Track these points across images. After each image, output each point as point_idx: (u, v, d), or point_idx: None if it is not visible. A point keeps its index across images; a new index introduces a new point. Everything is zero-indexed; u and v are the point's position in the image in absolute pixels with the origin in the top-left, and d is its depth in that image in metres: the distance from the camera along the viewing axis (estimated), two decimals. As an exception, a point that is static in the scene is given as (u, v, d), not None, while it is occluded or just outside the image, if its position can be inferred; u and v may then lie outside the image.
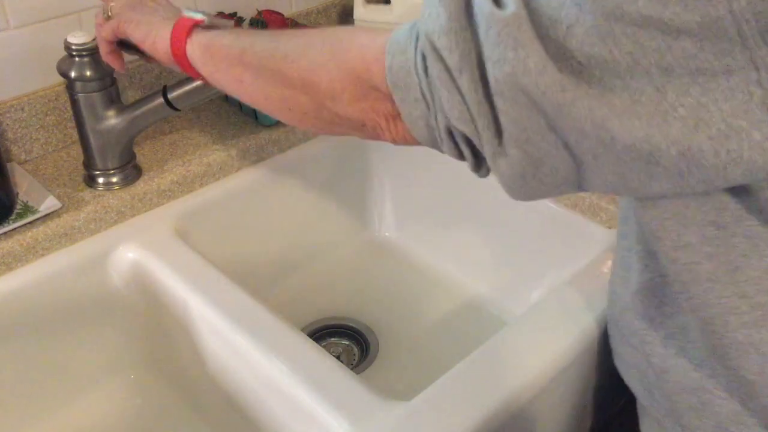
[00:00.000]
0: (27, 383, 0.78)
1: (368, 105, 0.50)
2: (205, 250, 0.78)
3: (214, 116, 0.96)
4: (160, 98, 0.78)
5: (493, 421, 0.60)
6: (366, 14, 1.02)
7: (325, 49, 0.52)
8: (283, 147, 0.94)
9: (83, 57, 0.75)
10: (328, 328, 0.93)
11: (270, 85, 0.57)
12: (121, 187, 0.82)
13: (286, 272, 0.97)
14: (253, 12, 0.99)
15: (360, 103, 0.51)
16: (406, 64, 0.45)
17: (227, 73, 0.61)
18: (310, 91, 0.53)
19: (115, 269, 0.79)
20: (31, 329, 0.77)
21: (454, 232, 0.98)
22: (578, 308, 0.69)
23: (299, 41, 0.55)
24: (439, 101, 0.44)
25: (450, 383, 0.62)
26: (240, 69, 0.59)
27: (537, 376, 0.63)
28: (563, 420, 0.72)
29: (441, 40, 0.42)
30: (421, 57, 0.44)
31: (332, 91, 0.51)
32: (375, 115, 0.51)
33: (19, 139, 0.84)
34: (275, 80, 0.56)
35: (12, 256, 0.74)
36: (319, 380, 0.62)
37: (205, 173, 0.87)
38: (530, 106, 0.40)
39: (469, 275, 0.97)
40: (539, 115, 0.40)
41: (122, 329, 0.83)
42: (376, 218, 1.05)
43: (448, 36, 0.42)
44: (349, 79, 0.50)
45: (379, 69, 0.47)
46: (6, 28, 0.80)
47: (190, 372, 0.78)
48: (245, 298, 0.71)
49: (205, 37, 0.62)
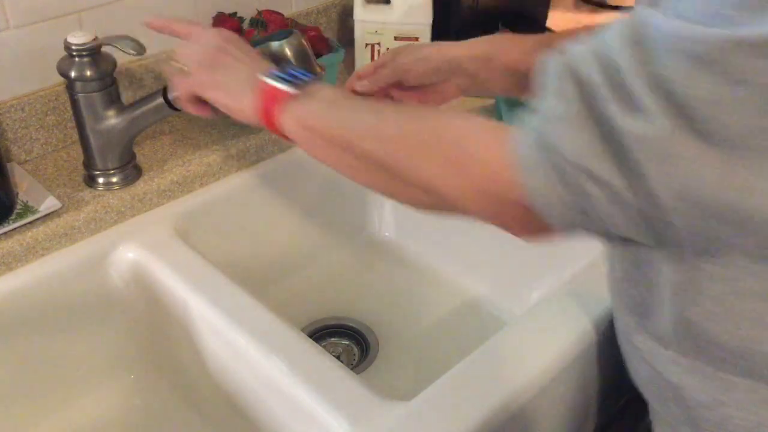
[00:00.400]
0: (27, 383, 0.78)
1: (500, 211, 0.49)
2: (205, 250, 0.78)
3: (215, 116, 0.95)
4: (160, 98, 0.78)
5: (493, 421, 0.60)
6: (366, 14, 1.02)
7: (442, 155, 0.50)
8: (283, 147, 0.94)
9: (83, 57, 0.75)
10: (328, 328, 0.93)
11: (386, 179, 0.54)
12: (121, 187, 0.82)
13: (286, 272, 0.97)
14: (253, 12, 0.99)
15: (490, 211, 0.50)
16: (548, 184, 0.44)
17: (329, 153, 0.58)
18: (432, 194, 0.51)
19: (115, 269, 0.79)
20: (31, 329, 0.77)
21: (454, 232, 0.98)
22: (578, 308, 0.69)
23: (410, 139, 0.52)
24: (601, 215, 0.44)
25: (450, 383, 0.62)
26: (349, 157, 0.56)
27: (537, 376, 0.63)
28: (563, 420, 0.72)
29: (593, 163, 0.42)
30: (569, 178, 0.43)
31: (457, 200, 0.50)
32: (508, 219, 0.50)
33: (19, 139, 0.84)
34: (392, 177, 0.53)
35: (12, 256, 0.74)
36: (319, 380, 0.62)
37: (205, 173, 0.87)
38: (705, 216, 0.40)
39: (469, 275, 0.97)
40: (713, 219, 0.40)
41: (122, 329, 0.83)
42: (376, 218, 1.05)
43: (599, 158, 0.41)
44: (479, 196, 0.49)
45: (514, 187, 0.46)
46: (6, 28, 0.80)
47: (190, 372, 0.78)
48: (245, 298, 0.71)
49: (300, 112, 0.58)
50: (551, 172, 0.44)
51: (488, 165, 0.48)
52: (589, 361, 0.69)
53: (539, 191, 0.45)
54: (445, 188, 0.50)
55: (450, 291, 0.96)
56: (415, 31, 1.01)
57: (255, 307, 0.70)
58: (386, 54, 0.74)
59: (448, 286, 0.97)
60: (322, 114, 0.58)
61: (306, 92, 0.59)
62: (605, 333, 0.69)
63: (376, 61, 0.75)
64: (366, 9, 1.02)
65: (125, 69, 0.90)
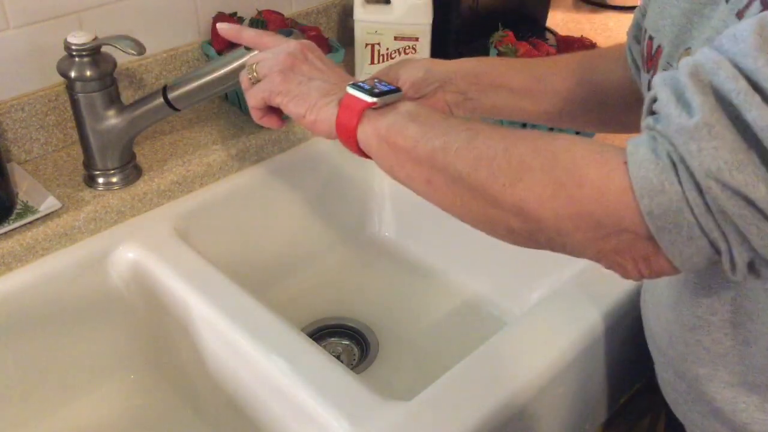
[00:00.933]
0: (27, 383, 0.78)
1: (610, 246, 0.44)
2: (205, 250, 0.78)
3: (214, 116, 0.95)
4: (160, 98, 0.78)
5: (493, 421, 0.60)
6: (366, 14, 1.02)
7: (547, 178, 0.45)
8: (283, 147, 0.94)
9: (83, 57, 0.75)
10: (328, 328, 0.93)
11: (470, 200, 0.49)
12: (121, 187, 0.82)
13: (286, 272, 0.97)
14: (253, 12, 0.99)
15: (598, 244, 0.45)
16: (672, 205, 0.40)
17: (411, 171, 0.52)
18: (527, 220, 0.46)
19: (115, 269, 0.79)
20: (31, 329, 0.77)
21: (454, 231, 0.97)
22: (578, 309, 0.69)
23: (510, 153, 0.47)
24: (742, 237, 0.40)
25: (450, 383, 0.62)
26: (429, 172, 0.51)
27: (537, 376, 0.63)
28: (563, 420, 0.72)
29: (735, 176, 0.38)
30: (697, 194, 0.39)
31: (559, 229, 0.45)
32: (618, 256, 0.45)
33: (19, 139, 0.84)
34: (479, 198, 0.48)
35: (12, 256, 0.74)
36: (319, 380, 0.62)
37: (205, 173, 0.87)
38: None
39: (469, 275, 0.97)
40: None
41: (122, 329, 0.83)
42: (376, 218, 1.05)
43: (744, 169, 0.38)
44: (584, 221, 0.44)
45: (630, 213, 0.42)
46: (6, 28, 0.80)
47: (190, 372, 0.78)
48: (245, 298, 0.71)
49: (381, 125, 0.53)
50: (678, 191, 0.40)
51: (599, 189, 0.43)
52: (589, 361, 0.69)
53: (660, 216, 0.41)
54: (542, 211, 0.45)
55: (450, 291, 0.96)
56: (415, 31, 1.01)
57: (255, 307, 0.70)
58: (383, 68, 0.73)
59: (448, 286, 0.97)
60: (402, 126, 0.53)
61: (388, 104, 0.55)
62: (605, 333, 0.69)
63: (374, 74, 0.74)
64: (366, 9, 1.01)
65: (125, 69, 0.90)
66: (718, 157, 0.38)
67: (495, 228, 0.49)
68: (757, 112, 0.37)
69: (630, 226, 0.42)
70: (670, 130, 0.40)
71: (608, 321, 0.69)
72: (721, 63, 0.39)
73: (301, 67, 0.61)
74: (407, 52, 1.03)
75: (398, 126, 0.53)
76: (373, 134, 0.54)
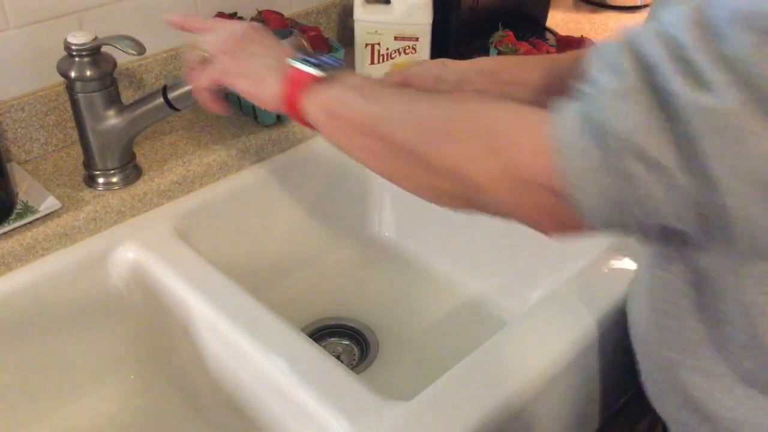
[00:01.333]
0: (27, 383, 0.78)
1: (529, 202, 0.46)
2: (205, 250, 0.78)
3: (214, 116, 0.95)
4: (160, 98, 0.78)
5: (493, 421, 0.60)
6: (366, 14, 1.02)
7: (476, 137, 0.47)
8: (283, 147, 0.94)
9: (83, 57, 0.75)
10: (328, 328, 0.93)
11: (407, 165, 0.51)
12: (121, 187, 0.82)
13: (286, 272, 0.97)
14: (253, 12, 0.99)
15: (516, 200, 0.47)
16: (588, 167, 0.41)
17: (355, 140, 0.55)
18: (457, 182, 0.48)
19: (115, 269, 0.79)
20: (31, 329, 0.77)
21: (454, 231, 0.98)
22: (578, 308, 0.69)
23: (442, 117, 0.50)
24: (648, 202, 0.41)
25: (450, 383, 0.62)
26: (371, 140, 0.53)
27: (537, 376, 0.63)
28: (563, 420, 0.72)
29: (645, 140, 0.39)
30: (614, 158, 0.40)
31: (482, 187, 0.47)
32: (535, 212, 0.47)
33: (19, 139, 0.84)
34: (416, 163, 0.50)
35: (12, 256, 0.74)
36: (319, 380, 0.62)
37: (205, 173, 0.87)
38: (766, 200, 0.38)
39: (469, 275, 0.97)
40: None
41: (122, 329, 0.83)
42: (376, 218, 1.05)
43: (650, 134, 0.39)
44: (507, 179, 0.45)
45: (549, 170, 0.43)
46: (6, 28, 0.80)
47: (190, 372, 0.78)
48: (245, 298, 0.71)
49: (325, 97, 0.56)
50: (593, 153, 0.41)
51: (524, 148, 0.44)
52: (590, 361, 0.69)
53: (576, 175, 0.42)
54: (474, 174, 0.47)
55: (450, 291, 0.96)
56: (415, 31, 1.01)
57: (255, 307, 0.70)
58: (401, 70, 0.74)
59: (449, 286, 0.97)
60: (347, 98, 0.55)
61: (332, 77, 0.57)
62: (605, 333, 0.69)
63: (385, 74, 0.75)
64: (366, 9, 1.02)
65: (125, 69, 0.90)
66: (632, 120, 0.39)
67: (435, 194, 0.51)
68: (677, 83, 0.38)
69: (547, 182, 0.44)
70: (594, 92, 0.42)
71: (608, 321, 0.69)
72: (656, 32, 0.40)
73: (247, 45, 0.62)
74: (407, 52, 1.03)
75: (342, 98, 0.55)
76: (319, 107, 0.56)
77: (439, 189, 0.51)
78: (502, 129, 0.46)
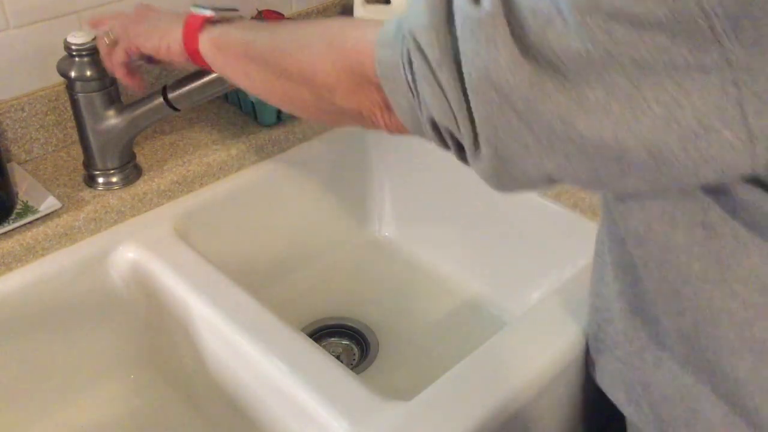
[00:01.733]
0: (27, 383, 0.78)
1: (363, 96, 0.52)
2: (205, 250, 0.78)
3: (214, 116, 0.96)
4: (160, 98, 0.78)
5: (493, 421, 0.60)
6: (366, 14, 1.02)
7: (322, 42, 0.53)
8: (283, 147, 0.94)
9: (83, 57, 0.75)
10: (328, 328, 0.93)
11: (273, 79, 0.58)
12: (121, 187, 0.82)
13: (286, 272, 0.97)
14: (253, 12, 0.99)
15: (355, 95, 0.52)
16: (393, 58, 0.47)
17: (235, 67, 0.62)
18: (308, 84, 0.54)
19: (115, 269, 0.79)
20: (31, 329, 0.77)
21: (454, 231, 0.98)
22: (579, 308, 0.69)
23: (298, 34, 0.57)
24: (423, 95, 0.45)
25: (450, 383, 0.62)
26: (245, 63, 0.60)
27: (537, 376, 0.63)
28: (563, 420, 0.72)
29: (423, 36, 0.44)
30: (406, 52, 0.46)
31: (328, 84, 0.53)
32: (370, 105, 0.52)
33: (19, 139, 0.84)
34: (277, 74, 0.57)
35: (12, 256, 0.74)
36: (319, 380, 0.62)
37: (205, 173, 0.87)
38: (501, 103, 0.41)
39: (469, 275, 0.97)
40: (510, 112, 0.41)
41: (122, 329, 0.83)
42: (376, 218, 1.05)
43: (429, 32, 0.43)
44: (344, 72, 0.52)
45: (370, 62, 0.49)
46: (6, 28, 0.80)
47: (190, 372, 0.78)
48: (245, 298, 0.71)
49: (215, 33, 0.63)
50: (396, 46, 0.46)
51: (357, 42, 0.51)
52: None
53: (384, 65, 0.47)
54: (321, 73, 0.53)
55: (450, 291, 0.96)
56: (415, 31, 1.01)
57: (255, 307, 0.70)
58: None
59: (448, 286, 0.97)
60: (230, 32, 0.62)
61: (224, 18, 0.65)
62: (605, 333, 0.69)
63: None
64: (366, 9, 1.01)
65: (125, 69, 0.90)
66: (422, 19, 0.44)
67: (304, 106, 0.58)
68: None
69: (371, 75, 0.49)
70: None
71: (608, 321, 0.69)
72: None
73: (148, 14, 0.71)
74: (407, 52, 1.03)
75: (227, 32, 0.63)
76: (208, 41, 0.63)
77: (305, 100, 0.56)
78: (346, 32, 0.53)
